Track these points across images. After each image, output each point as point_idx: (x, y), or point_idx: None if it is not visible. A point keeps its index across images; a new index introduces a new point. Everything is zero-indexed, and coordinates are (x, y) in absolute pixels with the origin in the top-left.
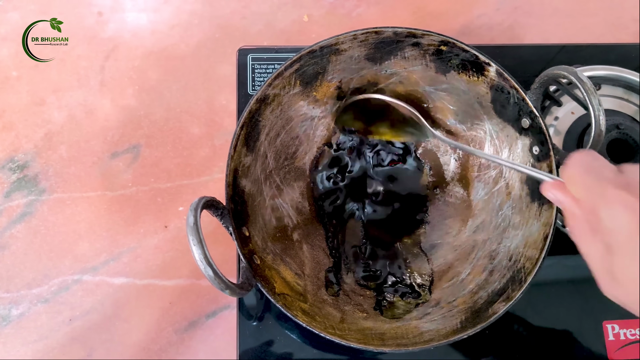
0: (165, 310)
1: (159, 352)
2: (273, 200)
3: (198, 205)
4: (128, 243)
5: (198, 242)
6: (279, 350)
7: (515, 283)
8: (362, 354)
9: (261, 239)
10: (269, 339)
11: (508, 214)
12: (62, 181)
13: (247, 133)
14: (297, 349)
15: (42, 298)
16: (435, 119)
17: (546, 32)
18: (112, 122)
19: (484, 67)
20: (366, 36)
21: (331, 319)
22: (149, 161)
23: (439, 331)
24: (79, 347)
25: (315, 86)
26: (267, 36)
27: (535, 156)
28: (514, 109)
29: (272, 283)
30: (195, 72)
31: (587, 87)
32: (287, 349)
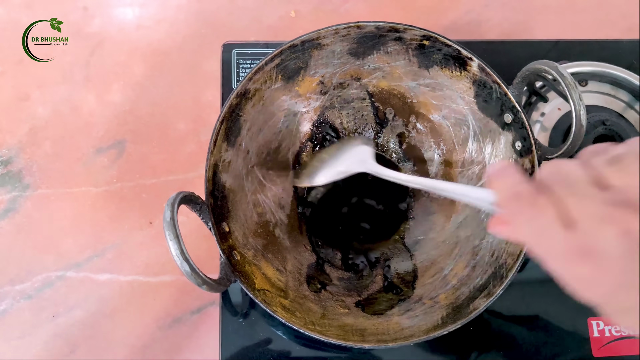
0: (149, 307)
1: (143, 348)
2: (255, 196)
3: (175, 200)
4: (112, 239)
5: (175, 237)
6: (263, 347)
7: (497, 279)
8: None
9: (242, 235)
10: (253, 336)
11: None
12: (46, 177)
13: (227, 128)
14: (282, 346)
15: (26, 294)
16: (419, 114)
17: (534, 29)
18: (97, 117)
19: (466, 61)
20: (348, 30)
21: (312, 315)
22: (134, 157)
23: (419, 327)
24: (62, 343)
25: (298, 81)
26: (253, 32)
27: (518, 151)
28: (496, 104)
29: (252, 279)
30: (181, 68)
31: (567, 81)
32: (271, 345)
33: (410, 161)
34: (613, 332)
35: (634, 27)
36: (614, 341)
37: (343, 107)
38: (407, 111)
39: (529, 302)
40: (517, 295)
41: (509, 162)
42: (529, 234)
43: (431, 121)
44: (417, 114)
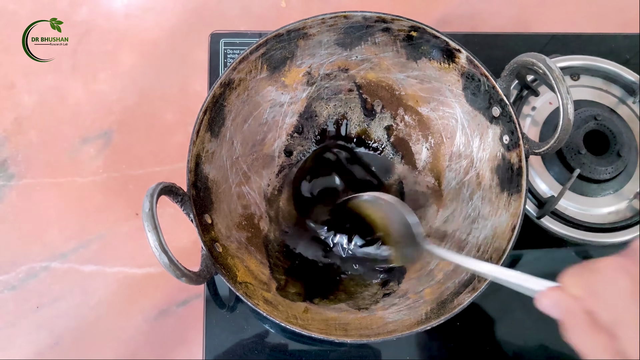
0: (134, 299)
1: (128, 340)
2: (239, 188)
3: (155, 191)
4: (98, 230)
5: (153, 228)
6: (249, 341)
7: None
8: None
9: (225, 227)
10: (238, 329)
11: (478, 204)
12: (31, 167)
13: (211, 118)
14: (267, 338)
15: (9, 285)
16: (407, 107)
17: (529, 22)
18: (84, 107)
19: (455, 53)
20: (335, 20)
21: (295, 309)
22: (121, 147)
23: (403, 322)
24: (46, 335)
25: (284, 71)
26: (243, 21)
27: (505, 145)
28: (484, 97)
29: (235, 271)
30: (169, 57)
31: (555, 74)
32: (256, 338)
33: (398, 154)
34: None
35: (630, 21)
36: None
37: (330, 99)
38: (395, 103)
39: (517, 295)
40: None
41: None
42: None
43: (419, 114)
44: (405, 107)
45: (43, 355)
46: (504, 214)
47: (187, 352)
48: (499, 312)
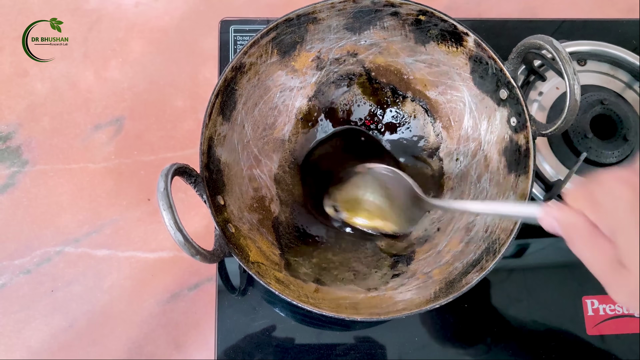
0: (147, 282)
1: (141, 323)
2: (250, 171)
3: (169, 171)
4: (110, 215)
5: (168, 207)
6: (260, 323)
7: (490, 254)
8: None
9: (237, 209)
10: (249, 312)
11: (486, 186)
12: (44, 153)
13: (222, 101)
14: (279, 322)
15: (24, 269)
16: (415, 90)
17: (534, 8)
18: (95, 94)
19: (462, 37)
20: (344, 4)
21: (306, 288)
22: (132, 134)
23: (412, 301)
24: (60, 317)
25: (294, 56)
26: (252, 9)
27: (513, 127)
28: (492, 80)
29: (247, 252)
30: (179, 45)
31: (562, 55)
32: (267, 321)
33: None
34: (607, 310)
35: (637, 7)
36: (607, 320)
37: (339, 83)
38: (404, 88)
39: (526, 283)
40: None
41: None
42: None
43: (428, 98)
44: (413, 91)
45: (58, 337)
46: (511, 196)
47: (199, 335)
48: (506, 299)
